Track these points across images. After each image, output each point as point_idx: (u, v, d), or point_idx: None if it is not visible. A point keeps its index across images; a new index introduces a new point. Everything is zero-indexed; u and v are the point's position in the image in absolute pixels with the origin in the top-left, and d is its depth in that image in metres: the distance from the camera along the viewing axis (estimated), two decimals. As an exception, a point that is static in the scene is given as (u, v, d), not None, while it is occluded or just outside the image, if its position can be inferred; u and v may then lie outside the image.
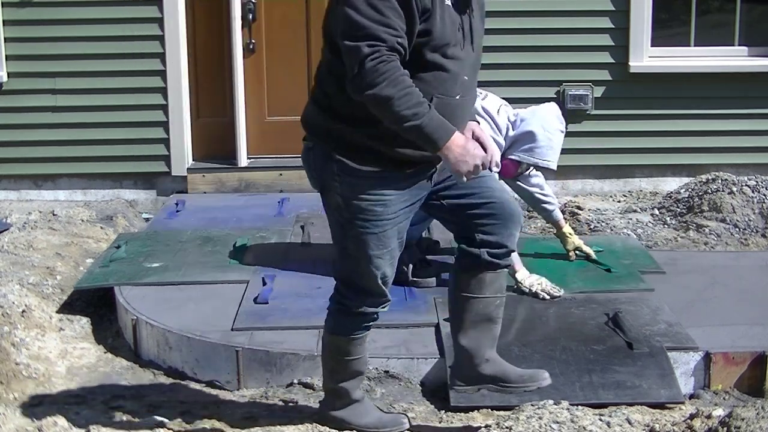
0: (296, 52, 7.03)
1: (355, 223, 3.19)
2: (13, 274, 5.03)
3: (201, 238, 5.63)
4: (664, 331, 4.24)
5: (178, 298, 4.71)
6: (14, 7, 6.72)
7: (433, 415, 3.79)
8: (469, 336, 3.39)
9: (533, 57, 6.82)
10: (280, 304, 4.58)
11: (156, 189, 7.00)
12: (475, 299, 3.37)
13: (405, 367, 4.06)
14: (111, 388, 4.16)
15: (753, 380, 4.06)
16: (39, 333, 4.50)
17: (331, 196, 3.21)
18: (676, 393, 3.86)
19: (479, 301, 3.37)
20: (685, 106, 6.91)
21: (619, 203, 6.74)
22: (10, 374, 4.07)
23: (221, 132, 7.05)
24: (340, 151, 3.14)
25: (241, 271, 5.04)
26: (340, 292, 3.39)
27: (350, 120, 3.10)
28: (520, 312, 4.47)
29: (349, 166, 3.13)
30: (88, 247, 5.72)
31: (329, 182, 3.18)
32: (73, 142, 6.87)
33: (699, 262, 5.28)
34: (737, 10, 6.98)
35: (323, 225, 5.97)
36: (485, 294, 3.36)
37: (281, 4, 7.00)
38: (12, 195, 6.97)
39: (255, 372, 4.11)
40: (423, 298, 4.63)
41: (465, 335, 3.40)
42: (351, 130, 3.11)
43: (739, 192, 6.08)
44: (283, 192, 6.86)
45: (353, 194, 3.15)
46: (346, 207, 3.19)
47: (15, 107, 6.83)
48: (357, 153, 3.12)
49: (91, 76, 6.81)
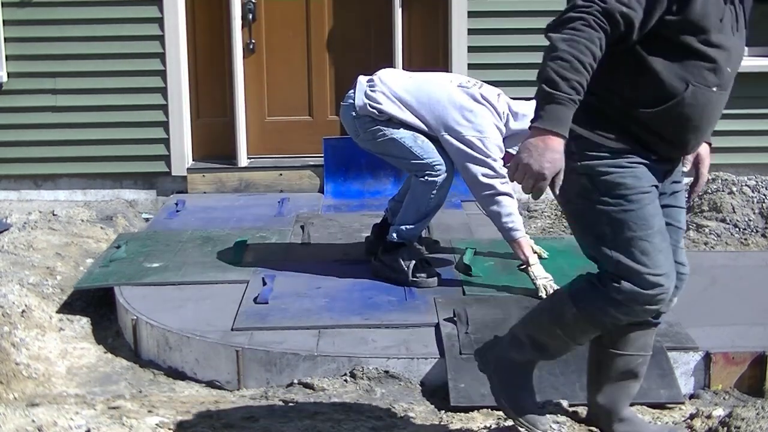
0: (296, 52, 7.04)
1: (609, 201, 2.85)
2: (13, 274, 5.03)
3: (201, 238, 5.63)
4: (664, 331, 4.24)
5: (178, 298, 4.71)
6: (14, 7, 6.73)
7: (433, 415, 3.79)
8: (605, 393, 3.21)
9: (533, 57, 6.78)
10: (280, 304, 4.58)
11: (156, 189, 7.00)
12: (619, 356, 3.13)
13: (405, 367, 4.06)
14: (111, 388, 4.16)
15: (753, 380, 4.05)
16: (39, 333, 4.50)
17: (573, 181, 2.82)
18: (676, 393, 3.86)
19: (623, 358, 3.13)
20: (685, 106, 6.90)
21: (619, 203, 6.73)
22: (10, 374, 4.07)
23: (221, 132, 7.06)
24: (586, 126, 2.83)
25: (241, 271, 5.04)
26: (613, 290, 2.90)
27: (606, 94, 2.82)
28: (520, 312, 4.47)
29: (591, 142, 2.83)
30: (88, 247, 5.72)
31: (568, 164, 2.71)
32: (73, 142, 6.88)
33: (699, 262, 5.27)
34: (737, 10, 6.97)
35: (323, 225, 6.02)
36: (629, 351, 3.12)
37: (281, 4, 7.00)
38: (12, 195, 6.97)
39: (255, 372, 4.12)
40: (423, 298, 4.63)
41: (602, 392, 3.22)
42: (605, 103, 2.83)
43: (739, 192, 6.08)
44: (283, 192, 6.87)
45: (598, 170, 2.84)
46: (594, 185, 2.85)
47: (15, 107, 6.83)
48: (605, 127, 2.84)
49: (91, 76, 6.82)
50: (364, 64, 7.08)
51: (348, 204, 6.59)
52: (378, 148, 4.87)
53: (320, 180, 6.90)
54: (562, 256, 5.19)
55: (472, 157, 4.65)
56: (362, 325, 4.34)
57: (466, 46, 6.85)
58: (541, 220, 6.42)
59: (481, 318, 4.37)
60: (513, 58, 6.79)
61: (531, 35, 6.57)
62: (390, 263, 4.84)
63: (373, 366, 4.04)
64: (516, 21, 6.75)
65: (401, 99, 4.78)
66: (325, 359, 4.08)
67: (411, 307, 4.55)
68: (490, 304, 4.55)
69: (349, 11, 7.03)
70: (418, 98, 4.77)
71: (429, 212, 4.82)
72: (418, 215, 4.81)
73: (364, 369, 4.04)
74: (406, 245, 4.85)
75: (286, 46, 7.03)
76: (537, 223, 6.36)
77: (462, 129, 4.68)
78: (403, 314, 4.44)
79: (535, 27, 6.76)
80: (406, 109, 4.77)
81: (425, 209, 4.79)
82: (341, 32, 7.07)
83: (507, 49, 6.75)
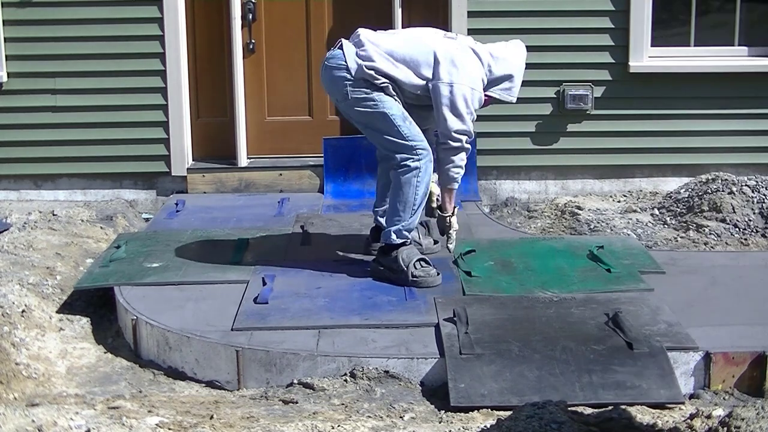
0: (296, 52, 7.04)
1: None
2: (13, 274, 5.03)
3: (201, 238, 5.63)
4: (664, 331, 4.24)
5: (178, 298, 4.71)
6: (14, 7, 6.73)
7: (433, 415, 3.79)
8: None
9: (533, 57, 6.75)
10: (280, 304, 4.58)
11: (156, 189, 7.00)
12: None
13: (405, 367, 4.06)
14: (111, 388, 4.16)
15: (753, 380, 4.05)
16: (39, 333, 4.50)
17: None
18: (676, 393, 3.86)
19: None
20: (685, 106, 6.91)
21: (619, 203, 6.74)
22: (10, 374, 4.07)
23: (221, 132, 7.06)
24: None
25: (241, 271, 5.04)
26: None
27: None
28: (520, 312, 4.47)
29: None
30: (88, 247, 5.72)
31: None
32: (73, 142, 6.88)
33: (699, 262, 5.28)
34: (737, 10, 6.98)
35: (323, 225, 6.02)
36: None
37: (281, 4, 7.00)
38: (12, 195, 6.97)
39: (255, 372, 4.12)
40: (423, 298, 4.63)
41: None
42: None
43: (739, 192, 6.08)
44: (283, 192, 6.86)
45: None
46: None
47: (15, 107, 6.83)
48: None
49: (91, 76, 6.81)
50: (364, 64, 7.09)
51: (348, 204, 6.59)
52: (362, 118, 4.82)
53: (320, 180, 6.90)
54: (562, 256, 5.20)
55: (456, 109, 4.71)
56: (362, 325, 4.34)
57: (466, 46, 6.85)
58: (541, 220, 6.42)
59: (481, 318, 4.37)
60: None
61: (531, 35, 6.59)
62: (389, 264, 4.84)
63: (373, 366, 4.04)
64: (516, 21, 6.75)
65: (392, 54, 4.76)
66: (325, 359, 4.08)
67: (411, 307, 4.55)
68: (490, 304, 4.55)
69: (349, 11, 7.03)
70: (409, 53, 4.77)
71: (417, 202, 4.82)
72: (408, 208, 4.80)
73: (364, 369, 4.04)
74: (405, 245, 4.85)
75: (286, 46, 7.03)
76: (537, 223, 6.36)
77: (454, 80, 4.71)
78: (403, 314, 4.44)
79: (535, 27, 6.80)
80: (400, 64, 4.75)
81: (412, 200, 4.79)
82: (341, 32, 7.03)
83: (507, 49, 6.74)
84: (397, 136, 4.73)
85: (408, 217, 4.81)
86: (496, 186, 7.04)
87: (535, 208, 6.72)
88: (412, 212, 4.81)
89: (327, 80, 4.91)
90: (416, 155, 4.74)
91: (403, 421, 3.67)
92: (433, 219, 5.13)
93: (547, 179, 6.99)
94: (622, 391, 3.84)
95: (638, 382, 3.88)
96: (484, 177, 6.98)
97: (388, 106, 4.73)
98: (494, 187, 7.03)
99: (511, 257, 5.21)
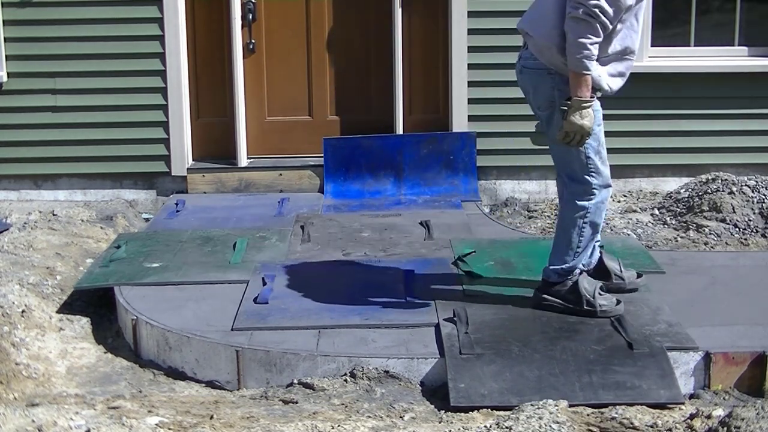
0: (296, 52, 7.04)
1: None
2: (13, 274, 5.03)
3: (201, 238, 5.63)
4: (664, 331, 4.24)
5: (178, 298, 4.71)
6: (14, 7, 6.73)
7: (433, 415, 3.79)
8: None
9: (533, 57, 6.82)
10: (280, 304, 4.58)
11: (156, 189, 7.00)
12: None
13: (405, 367, 4.06)
14: (111, 388, 4.16)
15: (753, 380, 4.05)
16: (39, 333, 4.50)
17: None
18: (676, 393, 3.86)
19: None
20: (685, 106, 6.91)
21: (619, 203, 6.74)
22: (10, 374, 4.07)
23: (221, 132, 7.06)
24: None
25: (241, 271, 5.04)
26: None
27: None
28: (520, 312, 4.47)
29: None
30: (88, 247, 5.72)
31: None
32: (73, 142, 6.88)
33: (699, 262, 5.28)
34: (737, 10, 6.98)
35: (323, 225, 6.02)
36: None
37: (281, 4, 7.00)
38: (12, 195, 6.97)
39: (255, 372, 4.12)
40: (423, 299, 4.63)
41: None
42: None
43: (739, 192, 6.08)
44: (283, 192, 6.86)
45: None
46: None
47: (15, 107, 6.83)
48: None
49: (91, 76, 6.81)
50: (363, 64, 7.09)
51: (348, 204, 6.59)
52: None
53: (320, 180, 6.90)
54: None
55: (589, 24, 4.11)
56: (362, 325, 4.34)
57: (466, 46, 6.85)
58: (541, 220, 6.42)
59: (481, 318, 4.37)
60: (513, 58, 6.76)
61: (531, 35, 6.57)
62: (564, 296, 4.44)
63: (373, 366, 4.04)
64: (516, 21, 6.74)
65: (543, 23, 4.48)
66: (325, 359, 4.08)
67: (411, 307, 4.54)
68: (490, 304, 4.55)
69: (349, 11, 7.03)
70: None
71: (582, 246, 4.39)
72: (571, 251, 4.40)
73: (364, 369, 4.04)
74: (578, 277, 4.43)
75: (286, 46, 7.03)
76: (537, 223, 6.36)
77: None
78: (403, 314, 4.45)
79: (535, 27, 6.76)
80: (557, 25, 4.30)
81: (576, 242, 4.37)
82: (341, 32, 7.06)
83: (507, 49, 6.72)
84: (582, 168, 4.27)
85: (570, 260, 4.40)
86: (496, 186, 7.04)
87: (535, 208, 6.72)
88: (575, 255, 4.40)
89: (525, 82, 4.67)
90: (590, 193, 4.31)
91: (403, 421, 3.67)
92: (433, 220, 5.11)
93: (548, 179, 6.98)
94: (622, 391, 3.83)
95: (638, 383, 3.88)
96: (484, 177, 6.98)
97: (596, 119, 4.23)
98: (494, 187, 7.03)
99: (511, 257, 5.21)
